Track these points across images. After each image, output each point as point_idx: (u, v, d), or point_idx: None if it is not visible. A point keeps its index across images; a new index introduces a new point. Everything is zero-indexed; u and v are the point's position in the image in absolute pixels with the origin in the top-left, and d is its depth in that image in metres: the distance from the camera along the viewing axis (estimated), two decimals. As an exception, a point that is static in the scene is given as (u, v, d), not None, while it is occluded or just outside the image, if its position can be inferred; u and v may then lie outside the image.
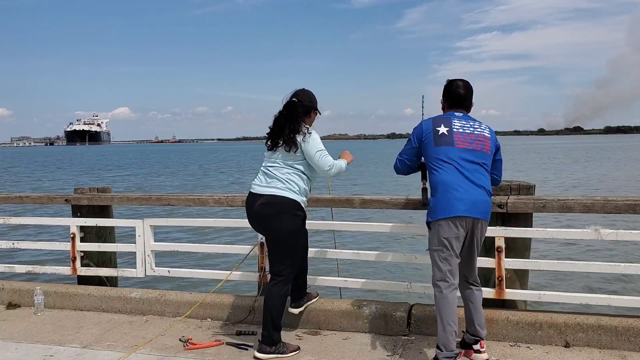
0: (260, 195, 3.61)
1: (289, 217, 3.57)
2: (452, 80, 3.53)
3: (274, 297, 3.63)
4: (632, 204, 3.70)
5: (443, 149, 3.32)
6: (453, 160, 3.29)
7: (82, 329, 4.33)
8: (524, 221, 4.01)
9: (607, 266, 4.00)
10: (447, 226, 3.27)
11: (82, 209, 5.26)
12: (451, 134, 3.34)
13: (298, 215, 3.61)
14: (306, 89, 3.79)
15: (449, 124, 3.38)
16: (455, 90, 3.48)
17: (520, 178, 5.21)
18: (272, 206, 3.56)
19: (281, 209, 3.55)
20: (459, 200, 3.23)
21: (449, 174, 3.27)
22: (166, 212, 9.13)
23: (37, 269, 5.39)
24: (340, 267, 4.80)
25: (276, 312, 3.61)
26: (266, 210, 3.58)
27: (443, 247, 3.30)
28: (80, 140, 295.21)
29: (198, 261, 9.32)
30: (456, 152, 3.31)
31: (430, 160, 3.37)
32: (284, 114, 3.67)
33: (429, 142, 3.37)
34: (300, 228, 3.66)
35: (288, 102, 3.70)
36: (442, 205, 3.27)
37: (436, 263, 3.35)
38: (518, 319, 3.79)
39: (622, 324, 3.60)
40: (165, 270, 4.94)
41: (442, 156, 3.31)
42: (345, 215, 11.85)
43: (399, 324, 4.00)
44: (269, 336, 3.61)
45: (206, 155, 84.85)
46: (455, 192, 3.24)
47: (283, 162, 3.62)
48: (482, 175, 3.34)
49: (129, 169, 46.87)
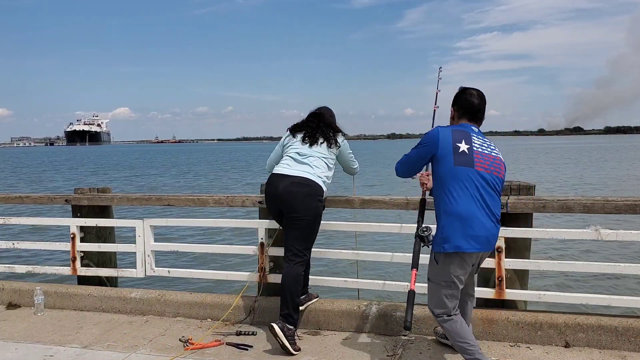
0: (289, 176, 3.83)
1: (315, 201, 3.82)
2: (465, 88, 3.20)
3: (293, 276, 3.79)
4: (632, 204, 3.70)
5: (462, 170, 2.95)
6: (472, 185, 2.95)
7: (82, 329, 4.33)
8: (524, 221, 4.01)
9: (607, 266, 4.00)
10: (459, 262, 3.01)
11: (82, 209, 5.26)
12: (471, 153, 2.99)
13: (322, 202, 3.91)
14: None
15: (469, 141, 3.02)
16: (470, 100, 3.14)
17: (532, 179, 5.20)
18: (304, 187, 3.79)
19: (311, 192, 3.80)
20: (476, 236, 2.95)
21: (466, 202, 2.94)
22: (167, 212, 9.12)
23: (37, 269, 5.38)
24: (344, 267, 4.80)
25: (296, 291, 3.79)
26: (298, 189, 3.78)
27: (452, 283, 3.06)
28: (80, 140, 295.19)
29: (198, 261, 9.31)
30: (476, 175, 2.97)
31: (445, 181, 3.00)
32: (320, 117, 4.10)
33: (447, 159, 2.97)
34: (321, 214, 3.92)
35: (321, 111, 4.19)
36: (457, 238, 2.94)
37: (441, 299, 3.11)
38: (518, 319, 3.79)
39: (622, 324, 3.60)
40: (165, 270, 4.94)
41: (460, 178, 2.96)
42: (345, 215, 11.84)
43: (399, 324, 3.99)
44: (290, 315, 3.74)
45: (209, 155, 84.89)
46: (474, 226, 2.94)
47: (318, 156, 3.93)
48: (496, 204, 3.06)
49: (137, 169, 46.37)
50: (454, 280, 3.05)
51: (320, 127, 4.04)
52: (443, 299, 3.10)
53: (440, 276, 3.08)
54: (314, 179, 3.84)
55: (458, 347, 3.11)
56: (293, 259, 3.82)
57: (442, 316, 3.13)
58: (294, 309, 3.76)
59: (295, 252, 3.83)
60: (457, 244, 2.95)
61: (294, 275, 3.80)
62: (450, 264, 3.02)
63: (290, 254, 3.85)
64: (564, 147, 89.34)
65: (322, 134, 4.01)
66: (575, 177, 28.17)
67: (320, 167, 3.91)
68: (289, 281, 3.78)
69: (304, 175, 3.83)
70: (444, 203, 3.01)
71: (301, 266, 3.84)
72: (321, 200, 3.89)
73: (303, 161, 3.91)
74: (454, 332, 3.08)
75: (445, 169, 3.00)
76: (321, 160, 3.94)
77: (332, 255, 4.59)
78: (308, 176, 3.83)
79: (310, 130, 4.03)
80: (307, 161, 3.90)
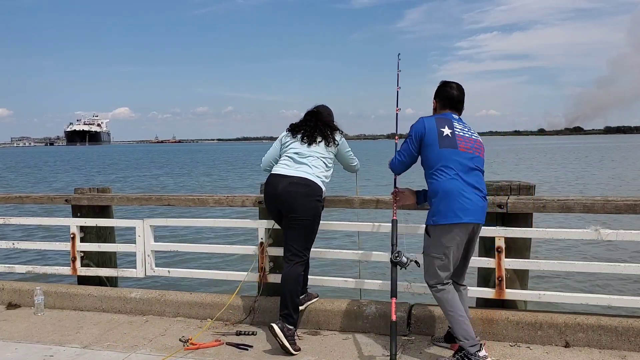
0: (288, 176, 3.83)
1: (314, 201, 3.82)
2: (446, 82, 3.53)
3: (292, 277, 3.80)
4: (632, 204, 3.70)
5: (447, 152, 3.28)
6: (457, 164, 3.27)
7: (82, 329, 4.34)
8: (524, 221, 4.01)
9: (607, 266, 4.00)
10: (450, 233, 3.27)
11: (82, 209, 5.27)
12: (454, 136, 3.32)
13: (321, 202, 3.91)
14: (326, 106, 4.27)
15: (451, 126, 3.36)
16: (450, 92, 3.48)
17: (531, 179, 5.20)
18: (303, 187, 3.79)
19: (310, 192, 3.80)
20: (463, 207, 3.23)
21: (453, 179, 3.25)
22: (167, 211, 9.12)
23: (37, 269, 5.39)
24: (343, 266, 4.80)
25: (295, 291, 3.80)
26: (296, 190, 3.78)
27: (443, 255, 3.32)
28: (80, 140, 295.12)
29: (198, 261, 9.31)
30: (460, 155, 3.29)
31: (433, 163, 3.32)
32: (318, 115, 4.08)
33: (433, 143, 3.30)
34: (319, 214, 3.91)
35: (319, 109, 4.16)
36: (446, 211, 3.24)
37: (434, 269, 3.37)
38: (518, 319, 3.79)
39: (622, 324, 3.60)
40: (165, 270, 4.94)
41: (446, 159, 3.27)
42: (347, 214, 11.84)
43: (399, 324, 3.99)
44: (290, 315, 3.74)
45: (211, 155, 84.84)
46: (460, 199, 3.22)
47: (317, 155, 3.93)
48: (481, 180, 3.37)
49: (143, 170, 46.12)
50: (445, 251, 3.31)
51: (318, 126, 4.04)
52: (436, 270, 3.36)
53: (432, 248, 3.35)
54: (313, 179, 3.84)
55: (448, 316, 3.34)
56: (292, 259, 3.83)
57: (436, 286, 3.37)
58: (293, 309, 3.76)
59: (294, 252, 3.84)
60: (447, 216, 3.25)
61: (293, 276, 3.81)
62: (441, 236, 3.29)
63: (289, 254, 3.86)
64: (563, 147, 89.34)
65: (320, 133, 4.00)
66: (575, 177, 28.18)
67: (318, 167, 3.91)
68: (289, 281, 3.79)
69: (303, 175, 3.83)
70: (434, 182, 3.31)
71: (301, 266, 3.85)
72: (320, 200, 3.90)
73: (302, 161, 3.91)
74: (445, 301, 3.32)
75: (433, 152, 3.31)
76: (320, 159, 3.94)
77: (332, 255, 4.59)
78: (307, 176, 3.84)
79: (309, 129, 4.03)
80: (306, 161, 3.90)
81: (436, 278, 3.37)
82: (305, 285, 4.19)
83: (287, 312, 3.74)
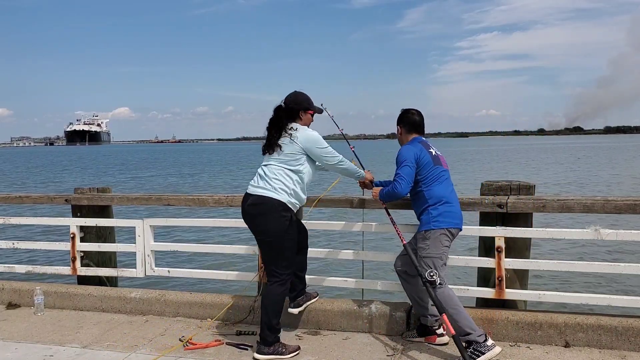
0: (249, 195, 3.70)
1: (274, 218, 3.58)
2: (407, 109, 3.94)
3: (269, 297, 3.66)
4: (632, 204, 3.70)
5: (439, 168, 3.71)
6: (443, 178, 3.71)
7: (82, 329, 4.34)
8: (524, 221, 4.01)
9: (607, 266, 4.00)
10: (447, 236, 3.63)
11: (82, 209, 5.27)
12: (437, 156, 3.77)
13: (284, 216, 3.60)
14: (297, 92, 3.86)
15: (432, 148, 3.79)
16: (412, 118, 3.89)
17: (531, 179, 5.20)
18: (257, 207, 3.62)
19: (265, 210, 3.59)
20: (455, 213, 3.67)
21: (446, 188, 3.69)
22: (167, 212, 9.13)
23: (37, 269, 5.39)
24: (342, 266, 4.79)
25: (272, 312, 3.65)
26: (252, 211, 3.65)
27: (442, 255, 3.62)
28: (80, 140, 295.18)
29: (198, 261, 9.32)
30: (443, 171, 3.74)
31: (430, 177, 3.68)
32: (271, 118, 3.77)
33: (428, 162, 3.69)
34: (286, 229, 3.61)
35: (275, 107, 3.82)
36: (445, 216, 3.62)
37: (433, 268, 3.56)
38: (518, 319, 3.79)
39: (622, 324, 3.60)
40: (165, 270, 4.94)
41: (439, 174, 3.70)
42: (345, 214, 11.86)
43: (399, 324, 4.00)
44: (265, 337, 3.65)
45: (213, 155, 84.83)
46: (452, 206, 3.66)
47: (276, 163, 3.67)
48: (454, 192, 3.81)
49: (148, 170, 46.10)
50: (444, 253, 3.64)
51: (271, 129, 3.72)
52: (435, 268, 3.57)
53: (432, 249, 3.61)
54: (269, 195, 3.58)
55: (453, 312, 3.45)
56: (270, 279, 3.69)
57: (440, 284, 3.54)
58: (269, 329, 3.64)
59: (269, 271, 3.69)
60: (445, 221, 3.62)
61: (270, 296, 3.66)
62: (439, 239, 3.61)
63: (267, 274, 3.74)
64: (562, 147, 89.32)
65: (272, 137, 3.69)
66: (574, 177, 28.19)
67: (279, 178, 3.62)
68: (267, 301, 3.67)
69: (259, 193, 3.62)
70: (430, 193, 3.67)
71: (279, 286, 3.65)
72: (283, 215, 3.59)
73: (263, 175, 3.68)
74: (449, 298, 3.50)
75: (428, 169, 3.69)
76: (279, 167, 3.65)
77: (332, 256, 4.58)
78: (262, 193, 3.61)
79: (266, 137, 3.74)
80: (266, 174, 3.66)
81: (437, 274, 3.54)
82: (304, 288, 4.13)
83: (262, 334, 3.65)
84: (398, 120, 3.94)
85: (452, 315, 3.43)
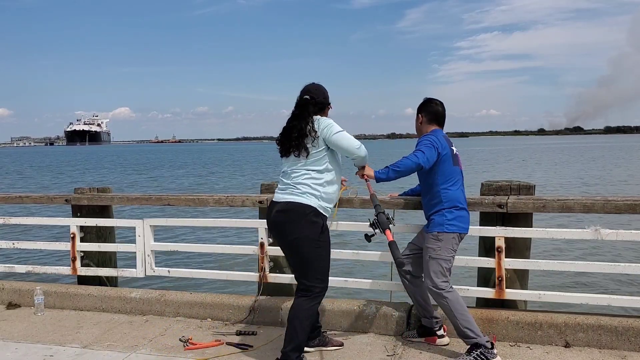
0: (277, 202, 3.39)
1: (305, 225, 3.27)
2: (430, 98, 3.75)
3: (296, 311, 3.31)
4: (632, 204, 3.70)
5: (456, 169, 3.62)
6: (460, 180, 3.64)
7: (82, 329, 4.34)
8: (523, 221, 4.01)
9: (607, 266, 4.00)
10: (457, 241, 3.60)
11: (82, 209, 5.27)
12: (456, 155, 3.65)
13: (315, 222, 3.29)
14: (317, 84, 3.51)
15: (453, 146, 3.66)
16: (435, 108, 3.70)
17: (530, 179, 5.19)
18: (286, 214, 3.30)
19: (295, 217, 3.28)
20: (467, 218, 3.63)
21: (462, 192, 3.63)
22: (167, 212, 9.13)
23: (37, 269, 5.38)
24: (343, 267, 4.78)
25: (300, 328, 3.29)
26: (280, 218, 3.33)
27: (451, 259, 3.60)
28: (80, 140, 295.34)
29: (198, 261, 9.32)
30: (460, 172, 3.66)
31: (447, 177, 3.58)
32: (295, 114, 3.41)
33: (448, 160, 3.57)
34: (320, 235, 3.30)
35: (299, 101, 3.44)
36: (459, 221, 3.57)
37: (443, 272, 3.55)
38: (518, 319, 3.79)
39: (622, 324, 3.60)
40: (165, 270, 4.94)
41: (456, 175, 3.61)
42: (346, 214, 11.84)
43: (399, 324, 4.00)
44: (286, 354, 3.27)
45: (215, 155, 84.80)
46: (465, 211, 3.62)
47: (299, 166, 3.36)
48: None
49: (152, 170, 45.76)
50: (453, 255, 3.60)
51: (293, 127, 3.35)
52: (445, 272, 3.57)
53: (444, 252, 3.56)
54: (298, 200, 3.29)
55: (461, 316, 3.44)
56: (298, 292, 3.38)
57: (449, 288, 3.54)
58: (293, 349, 3.27)
59: (299, 283, 3.39)
60: (458, 226, 3.58)
61: (297, 311, 3.32)
62: (450, 243, 3.56)
63: (297, 286, 3.42)
64: (561, 147, 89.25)
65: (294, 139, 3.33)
66: (574, 177, 28.17)
67: (304, 182, 3.32)
68: (291, 314, 3.34)
69: (287, 200, 3.33)
70: (448, 195, 3.57)
71: (308, 300, 3.30)
72: (313, 220, 3.28)
73: (287, 180, 3.40)
74: (457, 302, 3.48)
75: (447, 168, 3.58)
76: (302, 171, 3.35)
77: (332, 256, 4.57)
78: (291, 199, 3.31)
79: (282, 138, 3.42)
80: (291, 178, 3.37)
81: (447, 279, 3.55)
82: (319, 326, 3.77)
83: (284, 349, 3.29)
84: (419, 108, 3.73)
85: (460, 319, 3.44)
